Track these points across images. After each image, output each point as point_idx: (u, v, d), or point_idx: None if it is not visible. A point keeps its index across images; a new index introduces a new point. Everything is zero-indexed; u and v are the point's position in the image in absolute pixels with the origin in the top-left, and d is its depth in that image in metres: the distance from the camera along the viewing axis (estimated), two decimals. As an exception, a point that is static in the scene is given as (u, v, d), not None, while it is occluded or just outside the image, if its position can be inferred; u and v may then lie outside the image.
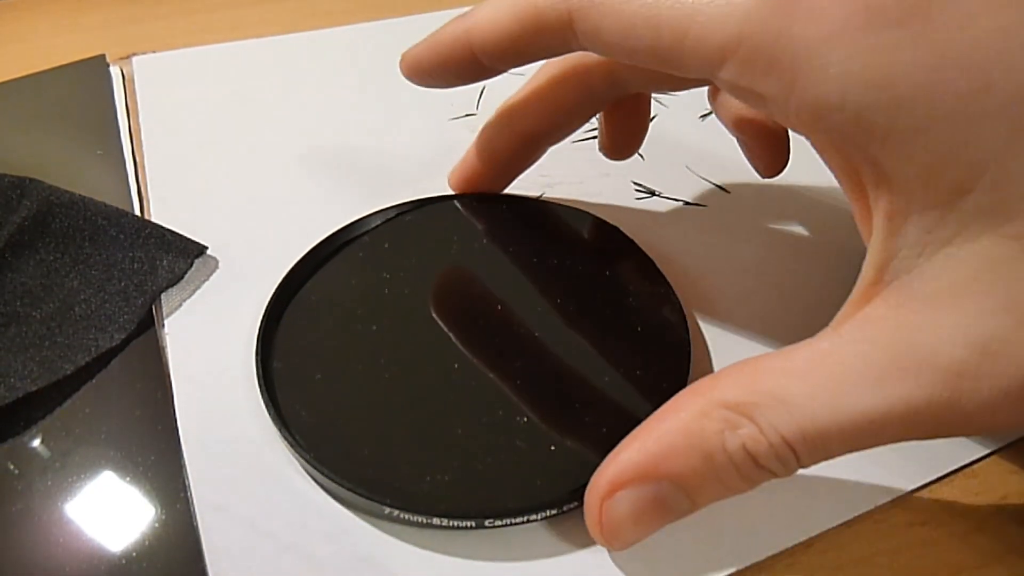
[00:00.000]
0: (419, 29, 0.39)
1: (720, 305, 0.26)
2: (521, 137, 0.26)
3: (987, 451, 0.22)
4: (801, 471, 0.18)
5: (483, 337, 0.24)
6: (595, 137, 0.33)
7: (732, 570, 0.20)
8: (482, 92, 0.35)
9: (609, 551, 0.20)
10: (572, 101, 0.25)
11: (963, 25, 0.15)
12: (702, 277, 0.27)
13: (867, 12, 0.15)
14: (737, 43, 0.16)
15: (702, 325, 0.25)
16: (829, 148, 0.17)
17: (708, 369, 0.24)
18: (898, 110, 0.15)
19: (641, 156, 0.32)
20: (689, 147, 0.33)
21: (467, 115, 0.34)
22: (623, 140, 0.28)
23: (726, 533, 0.20)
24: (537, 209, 0.28)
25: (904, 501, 0.21)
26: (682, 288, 0.25)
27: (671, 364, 0.23)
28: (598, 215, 0.27)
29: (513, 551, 0.20)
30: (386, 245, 0.26)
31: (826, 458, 0.17)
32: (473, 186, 0.27)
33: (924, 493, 0.21)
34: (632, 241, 0.26)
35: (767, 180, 0.28)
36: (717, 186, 0.31)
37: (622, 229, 0.27)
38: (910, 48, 0.15)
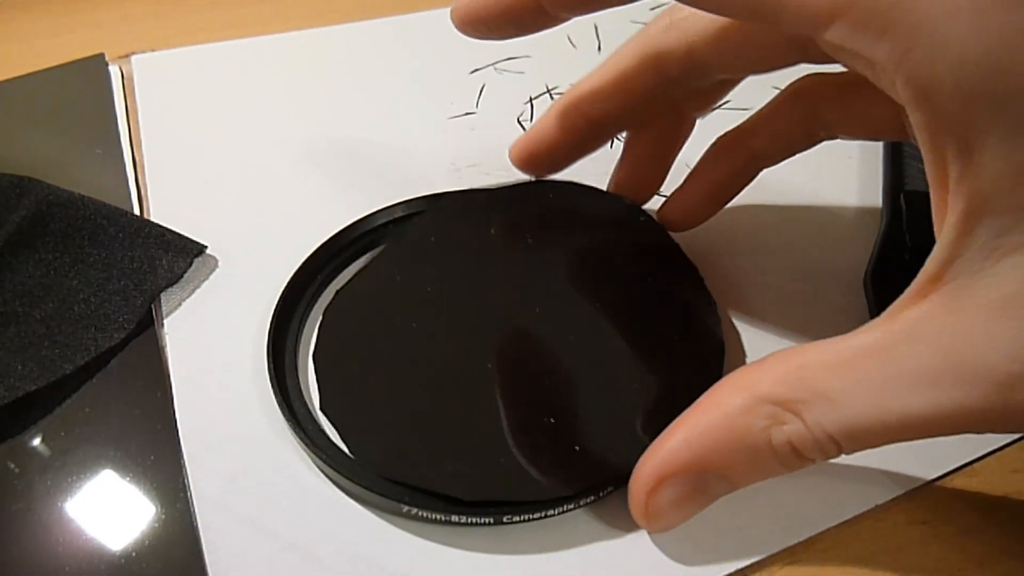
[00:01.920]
0: (418, 27, 0.39)
1: (719, 304, 0.26)
2: (592, 121, 0.25)
3: (987, 450, 0.22)
4: (801, 469, 0.18)
5: (510, 334, 0.23)
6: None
7: (734, 568, 0.20)
8: (482, 90, 0.35)
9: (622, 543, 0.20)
10: (646, 87, 0.24)
11: None
12: (702, 275, 0.27)
13: None
14: (851, 2, 0.15)
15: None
16: (925, 129, 0.16)
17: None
18: (1010, 104, 0.15)
19: (641, 154, 0.32)
20: (689, 146, 0.32)
21: (467, 114, 0.34)
22: (646, 171, 0.27)
23: (727, 532, 0.20)
24: (562, 193, 0.27)
25: (904, 500, 0.21)
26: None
27: (704, 365, 0.23)
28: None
29: (530, 546, 0.20)
30: (408, 241, 0.26)
31: (867, 448, 0.17)
32: (534, 163, 0.27)
33: (924, 492, 0.21)
34: (663, 230, 0.26)
35: (766, 180, 0.28)
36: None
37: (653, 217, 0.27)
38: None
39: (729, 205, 0.27)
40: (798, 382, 0.17)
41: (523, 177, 0.28)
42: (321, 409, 0.22)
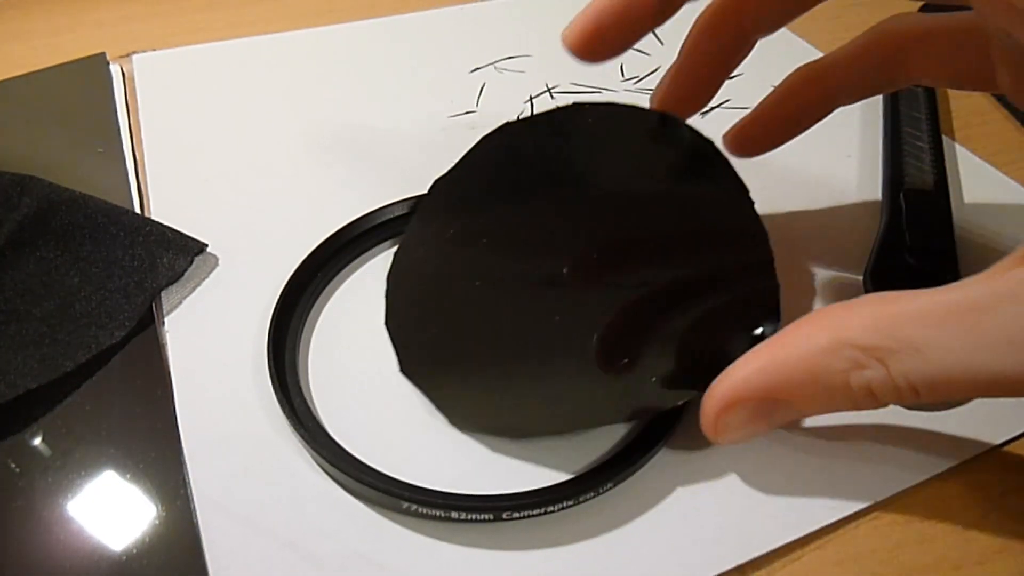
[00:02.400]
0: (419, 27, 0.39)
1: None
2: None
3: (986, 447, 0.22)
4: (799, 466, 0.18)
5: (574, 278, 0.23)
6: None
7: (734, 564, 0.20)
8: (482, 89, 0.35)
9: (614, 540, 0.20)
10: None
11: None
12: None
13: None
14: None
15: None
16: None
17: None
18: None
19: (641, 153, 0.32)
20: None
21: (467, 112, 0.34)
22: (697, 86, 0.26)
23: (728, 528, 0.20)
24: (601, 115, 0.25)
25: (904, 497, 0.21)
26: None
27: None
28: None
29: (529, 543, 0.20)
30: (456, 186, 0.26)
31: (945, 399, 0.17)
32: (593, 42, 0.23)
33: (923, 489, 0.21)
34: (726, 161, 0.24)
35: (766, 180, 0.28)
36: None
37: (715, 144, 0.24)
38: None
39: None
40: (888, 329, 0.17)
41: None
42: (402, 371, 0.23)
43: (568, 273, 0.23)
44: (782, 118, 0.26)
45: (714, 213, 0.23)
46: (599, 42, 0.23)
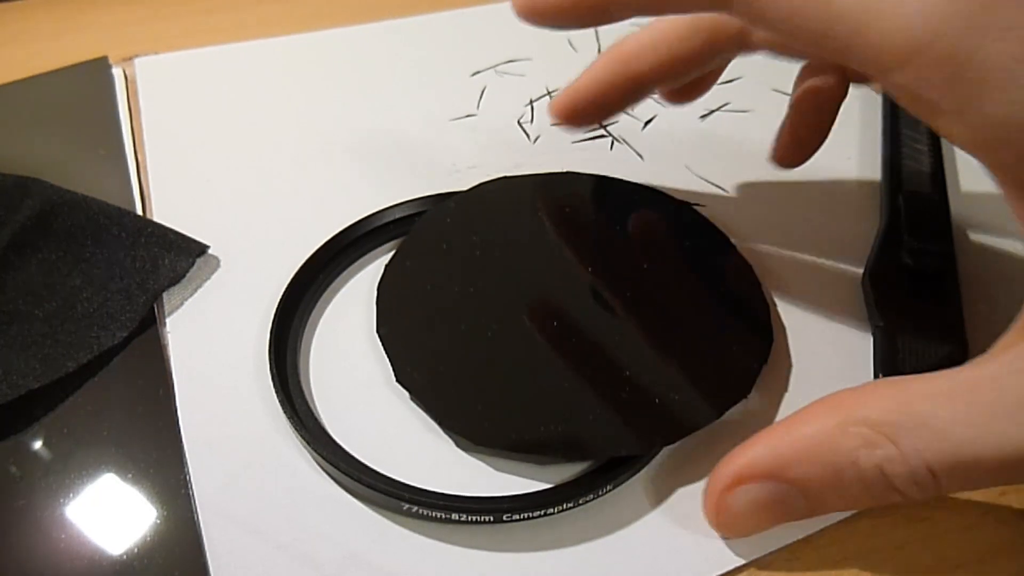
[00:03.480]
0: (420, 30, 0.40)
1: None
2: (634, 79, 0.26)
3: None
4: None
5: (565, 299, 0.24)
6: (597, 137, 0.33)
7: (734, 565, 0.20)
8: (483, 92, 0.35)
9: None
10: (695, 55, 0.25)
11: None
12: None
13: None
14: (922, 50, 0.16)
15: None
16: (1003, 170, 0.17)
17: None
18: None
19: (640, 156, 0.32)
20: (689, 147, 0.33)
21: (468, 115, 0.34)
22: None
23: (726, 529, 0.20)
24: (592, 183, 0.29)
25: (903, 497, 0.21)
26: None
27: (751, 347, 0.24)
28: None
29: (530, 544, 0.20)
30: (449, 213, 0.27)
31: (970, 488, 0.17)
32: (574, 115, 0.27)
33: (923, 489, 0.21)
34: (700, 215, 0.27)
35: (765, 181, 0.28)
36: (716, 186, 0.31)
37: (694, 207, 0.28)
38: None
39: (729, 204, 0.27)
40: (898, 407, 0.17)
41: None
42: (398, 381, 0.22)
43: (563, 297, 0.24)
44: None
45: (705, 257, 0.26)
46: (579, 117, 0.27)
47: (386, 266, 0.25)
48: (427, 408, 0.22)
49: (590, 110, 0.27)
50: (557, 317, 0.24)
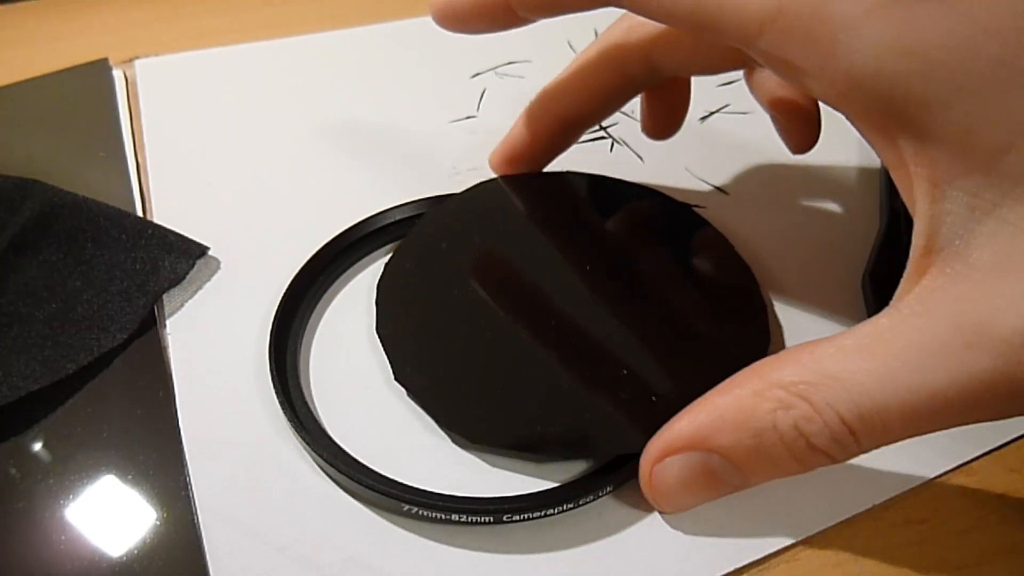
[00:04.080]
0: (420, 32, 0.40)
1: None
2: (560, 121, 0.27)
3: (985, 449, 0.22)
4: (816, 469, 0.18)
5: (532, 322, 0.24)
6: (600, 138, 0.33)
7: (733, 567, 0.20)
8: (483, 94, 0.35)
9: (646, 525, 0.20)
10: (609, 87, 0.26)
11: None
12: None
13: None
14: (776, 14, 0.17)
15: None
16: (865, 118, 0.17)
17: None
18: (933, 75, 0.16)
19: (640, 158, 0.32)
20: (689, 149, 0.33)
21: (468, 117, 0.34)
22: (664, 121, 0.29)
23: (726, 531, 0.20)
24: (595, 185, 0.29)
25: (902, 499, 0.21)
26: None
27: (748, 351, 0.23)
28: None
29: (530, 545, 0.20)
30: (448, 213, 0.27)
31: (887, 442, 0.17)
32: (513, 166, 0.28)
33: (922, 491, 0.21)
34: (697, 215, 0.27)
35: (765, 183, 0.28)
36: (716, 188, 0.31)
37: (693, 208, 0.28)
38: (944, 18, 0.15)
39: (729, 205, 0.27)
40: (808, 365, 0.17)
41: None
42: (397, 380, 0.22)
43: (562, 294, 0.24)
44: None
45: (702, 257, 0.26)
46: (518, 167, 0.28)
47: (386, 265, 0.25)
48: (426, 407, 0.22)
49: (526, 158, 0.28)
50: (556, 316, 0.24)
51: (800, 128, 0.26)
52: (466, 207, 0.27)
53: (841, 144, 0.33)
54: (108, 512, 0.21)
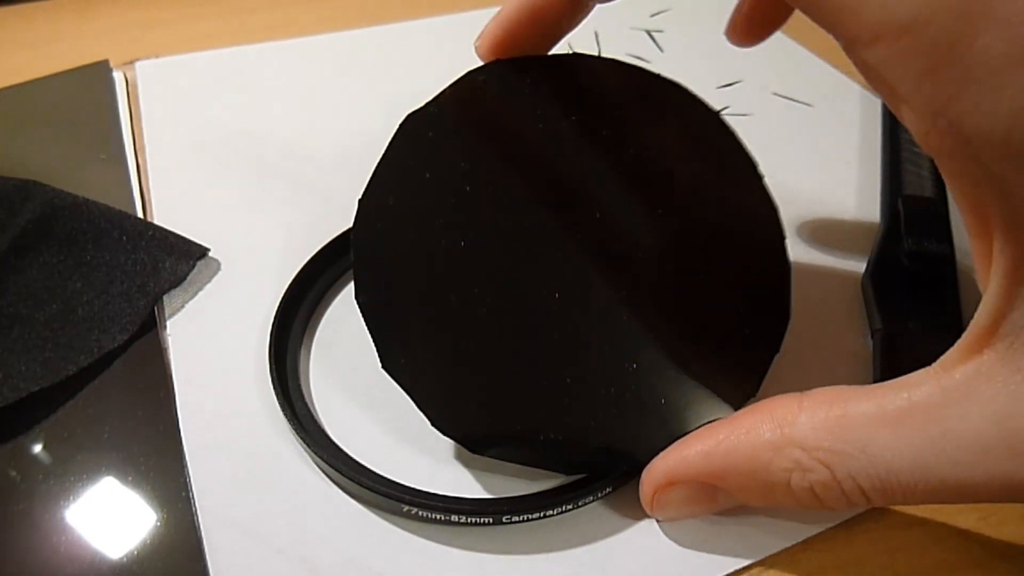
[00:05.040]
0: (420, 33, 0.40)
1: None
2: (536, 14, 0.21)
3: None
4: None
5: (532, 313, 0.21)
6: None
7: (733, 568, 0.20)
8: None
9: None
10: None
11: None
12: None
13: None
14: (903, 30, 0.14)
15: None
16: (963, 176, 0.15)
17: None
18: None
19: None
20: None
21: (468, 119, 0.34)
22: (758, 25, 0.26)
23: (727, 533, 0.20)
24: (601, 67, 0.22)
25: (903, 501, 0.21)
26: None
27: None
28: None
29: (529, 546, 0.20)
30: (434, 124, 0.22)
31: (899, 504, 0.17)
32: (509, 47, 0.22)
33: (923, 493, 0.21)
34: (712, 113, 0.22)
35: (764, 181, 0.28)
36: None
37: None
38: None
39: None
40: (837, 431, 0.16)
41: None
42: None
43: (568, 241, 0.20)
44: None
45: (724, 191, 0.21)
46: (511, 50, 0.22)
47: (360, 204, 0.21)
48: (419, 405, 0.20)
49: (528, 41, 0.21)
50: (560, 289, 0.20)
51: (760, 25, 0.25)
52: (451, 113, 0.21)
53: (842, 148, 0.33)
54: (108, 513, 0.21)
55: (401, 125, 0.22)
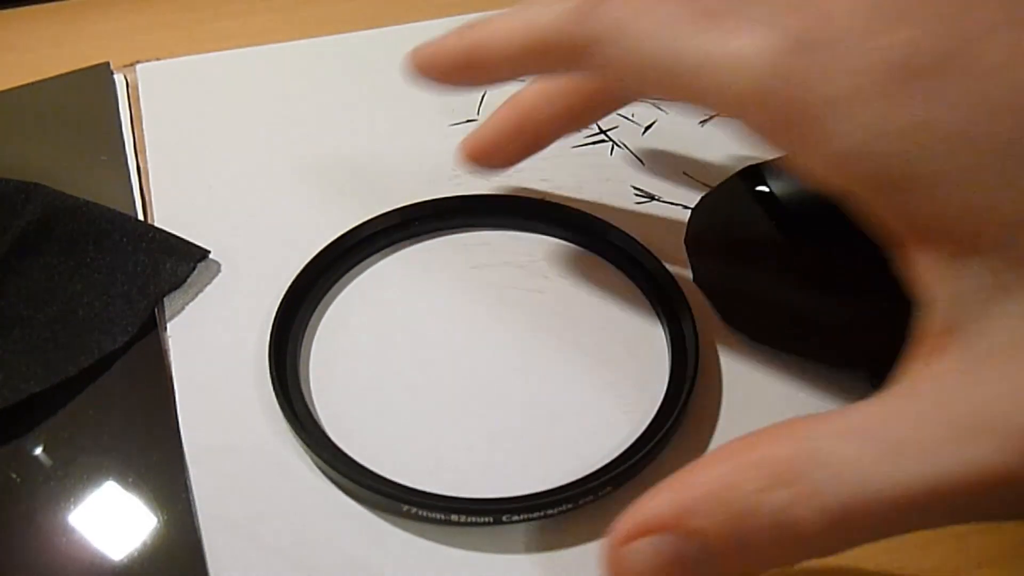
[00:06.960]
0: (419, 37, 0.40)
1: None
2: (534, 129, 0.26)
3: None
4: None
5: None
6: (597, 142, 0.33)
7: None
8: (483, 98, 0.35)
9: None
10: (590, 104, 0.25)
11: (1008, 65, 0.14)
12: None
13: (891, 67, 0.15)
14: (759, 96, 0.16)
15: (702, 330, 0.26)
16: (869, 198, 0.16)
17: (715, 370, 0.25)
18: (937, 154, 0.15)
19: (641, 161, 0.32)
20: (688, 153, 0.33)
21: (468, 121, 0.34)
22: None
23: (725, 532, 0.20)
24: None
25: (903, 501, 0.21)
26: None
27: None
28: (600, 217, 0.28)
29: (529, 546, 0.20)
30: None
31: (882, 535, 0.16)
32: (483, 158, 0.27)
33: (923, 493, 0.21)
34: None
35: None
36: (716, 190, 0.31)
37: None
38: (945, 95, 0.14)
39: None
40: (801, 445, 0.16)
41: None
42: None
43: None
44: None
45: None
46: (486, 160, 0.26)
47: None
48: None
49: (496, 155, 0.27)
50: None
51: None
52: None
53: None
54: (108, 514, 0.21)
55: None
